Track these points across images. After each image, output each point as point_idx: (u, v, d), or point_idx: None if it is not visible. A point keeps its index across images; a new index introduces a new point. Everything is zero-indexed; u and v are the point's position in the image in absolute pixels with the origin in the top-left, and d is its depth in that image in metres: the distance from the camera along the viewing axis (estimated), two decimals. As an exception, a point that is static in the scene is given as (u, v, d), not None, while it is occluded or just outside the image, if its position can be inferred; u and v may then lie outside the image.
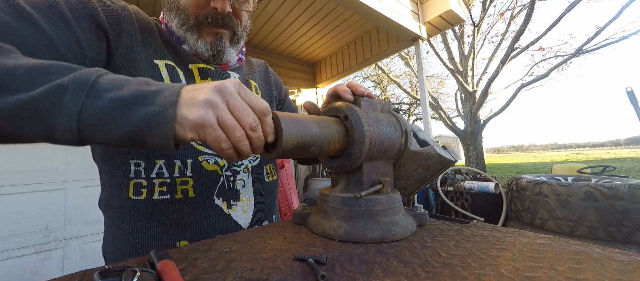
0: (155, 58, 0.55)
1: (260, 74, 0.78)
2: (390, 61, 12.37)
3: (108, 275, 0.27)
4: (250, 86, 0.69)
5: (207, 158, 0.56)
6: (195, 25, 0.56)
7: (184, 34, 0.57)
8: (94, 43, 0.46)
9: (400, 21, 2.60)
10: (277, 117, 0.36)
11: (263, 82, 0.77)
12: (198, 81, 0.59)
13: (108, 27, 0.48)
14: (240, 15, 0.59)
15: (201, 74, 0.60)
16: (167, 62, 0.56)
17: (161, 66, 0.55)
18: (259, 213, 0.62)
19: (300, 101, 4.05)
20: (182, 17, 0.56)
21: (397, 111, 0.55)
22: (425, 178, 0.52)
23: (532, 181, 2.12)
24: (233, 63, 0.66)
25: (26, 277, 1.72)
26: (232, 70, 0.66)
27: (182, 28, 0.56)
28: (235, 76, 0.66)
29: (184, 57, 0.59)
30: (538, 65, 8.13)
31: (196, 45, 0.57)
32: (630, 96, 2.25)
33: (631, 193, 1.69)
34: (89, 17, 0.46)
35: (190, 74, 0.59)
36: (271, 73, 0.84)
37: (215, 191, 0.56)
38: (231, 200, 0.58)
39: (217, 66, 0.63)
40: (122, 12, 0.52)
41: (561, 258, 0.34)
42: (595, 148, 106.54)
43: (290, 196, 2.40)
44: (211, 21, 0.55)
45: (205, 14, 0.55)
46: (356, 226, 0.42)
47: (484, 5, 7.36)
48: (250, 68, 0.76)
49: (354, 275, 0.30)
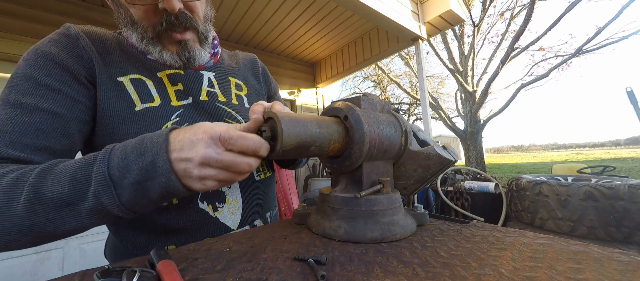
0: (118, 75, 0.53)
1: (247, 68, 0.75)
2: (390, 61, 12.38)
3: (108, 275, 0.27)
4: (229, 83, 0.67)
5: None
6: (154, 37, 0.54)
7: (146, 47, 0.55)
8: (83, 90, 0.49)
9: (400, 21, 2.60)
10: (277, 117, 0.36)
11: (250, 76, 0.74)
12: (169, 87, 0.57)
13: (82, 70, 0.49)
14: (194, 8, 0.55)
15: (171, 80, 0.57)
16: (131, 76, 0.54)
17: (126, 83, 0.53)
18: (248, 212, 0.60)
19: (300, 101, 4.05)
20: (139, 31, 0.53)
21: (397, 111, 0.55)
22: (425, 178, 0.52)
23: (532, 181, 2.12)
24: (207, 62, 0.64)
25: (26, 277, 1.72)
26: (206, 70, 0.63)
27: (142, 42, 0.54)
28: (210, 76, 0.63)
29: (152, 66, 0.57)
30: (538, 65, 8.14)
31: (162, 57, 0.55)
32: (630, 96, 2.25)
33: (631, 193, 1.69)
34: (66, 72, 0.47)
35: (160, 82, 0.56)
36: (260, 67, 0.79)
37: (198, 196, 0.54)
38: (216, 203, 0.56)
39: (189, 69, 0.60)
40: (79, 42, 0.50)
41: (561, 258, 0.34)
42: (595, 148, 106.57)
43: (290, 196, 2.39)
44: (167, 25, 0.52)
45: (159, 21, 0.52)
46: (356, 226, 0.42)
47: (484, 5, 7.37)
48: (233, 62, 0.73)
49: (354, 275, 0.30)
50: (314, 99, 4.31)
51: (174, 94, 0.57)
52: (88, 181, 0.35)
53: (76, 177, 0.35)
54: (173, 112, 0.55)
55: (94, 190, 0.34)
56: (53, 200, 0.34)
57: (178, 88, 0.58)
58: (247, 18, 2.94)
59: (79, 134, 0.49)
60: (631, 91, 2.25)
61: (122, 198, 0.35)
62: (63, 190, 0.34)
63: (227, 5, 2.70)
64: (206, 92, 0.60)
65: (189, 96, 0.58)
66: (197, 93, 0.59)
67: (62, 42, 0.49)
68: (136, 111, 0.51)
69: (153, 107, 0.53)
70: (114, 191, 0.34)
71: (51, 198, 0.34)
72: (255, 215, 0.62)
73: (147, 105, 0.53)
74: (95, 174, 0.35)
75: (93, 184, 0.34)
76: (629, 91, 2.26)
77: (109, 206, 0.35)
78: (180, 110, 0.56)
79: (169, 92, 0.56)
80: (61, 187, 0.35)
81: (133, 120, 0.51)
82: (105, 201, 0.34)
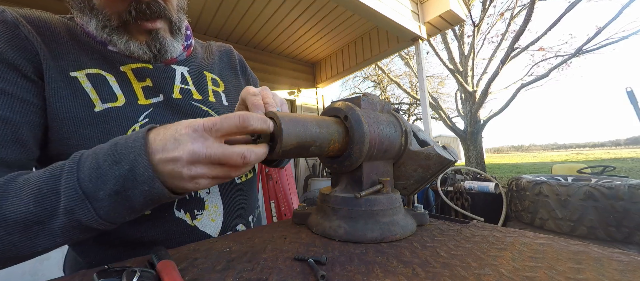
0: (71, 70, 0.45)
1: (223, 61, 0.68)
2: (390, 61, 12.38)
3: (108, 275, 0.27)
4: (205, 79, 0.60)
5: None
6: (120, 25, 0.46)
7: (109, 37, 0.47)
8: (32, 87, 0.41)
9: (400, 21, 2.61)
10: (277, 117, 0.36)
11: (227, 70, 0.67)
12: (134, 84, 0.50)
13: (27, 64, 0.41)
14: None
15: (137, 75, 0.50)
16: (88, 71, 0.46)
17: (81, 78, 0.45)
18: (230, 218, 0.55)
19: (300, 101, 4.06)
20: (100, 18, 0.45)
21: (397, 111, 0.55)
22: (425, 178, 0.52)
23: (532, 181, 2.12)
24: (180, 56, 0.57)
25: (26, 277, 1.72)
26: (178, 64, 0.56)
27: (104, 30, 0.46)
28: (183, 71, 0.56)
29: (113, 58, 0.49)
30: (538, 65, 8.14)
31: (129, 48, 0.48)
32: (630, 96, 2.25)
33: (631, 193, 1.69)
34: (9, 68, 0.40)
35: (124, 77, 0.49)
36: (237, 59, 0.72)
37: (175, 203, 0.49)
38: (195, 210, 0.51)
39: (159, 62, 0.53)
40: (18, 30, 0.42)
41: (561, 258, 0.34)
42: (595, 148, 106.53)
43: (290, 196, 2.39)
44: (136, 14, 0.45)
45: (127, 9, 0.45)
46: (356, 226, 0.42)
47: (484, 5, 7.37)
48: (208, 55, 0.65)
49: (354, 275, 0.30)
50: (314, 99, 4.31)
51: (142, 92, 0.50)
52: (57, 196, 0.31)
53: (42, 192, 0.31)
54: (141, 113, 0.48)
55: (66, 206, 0.30)
56: (16, 220, 0.30)
57: (146, 84, 0.51)
58: (247, 18, 2.94)
59: (34, 141, 0.42)
60: (631, 91, 2.25)
61: (100, 211, 0.31)
62: (28, 208, 0.30)
63: (227, 5, 2.70)
64: (179, 90, 0.54)
65: (159, 93, 0.52)
66: (169, 90, 0.52)
67: (6, 34, 0.40)
68: (96, 113, 0.44)
69: (116, 107, 0.46)
70: (89, 206, 0.31)
71: (14, 218, 0.30)
72: (237, 220, 0.57)
73: (109, 105, 0.46)
74: (65, 188, 0.31)
75: (63, 199, 0.30)
76: (629, 91, 2.26)
77: (87, 222, 0.31)
78: (150, 109, 0.49)
79: (135, 89, 0.49)
80: (25, 205, 0.30)
81: (93, 123, 0.44)
82: (81, 216, 0.31)
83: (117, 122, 0.46)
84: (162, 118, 0.50)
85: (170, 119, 0.50)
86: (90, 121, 0.44)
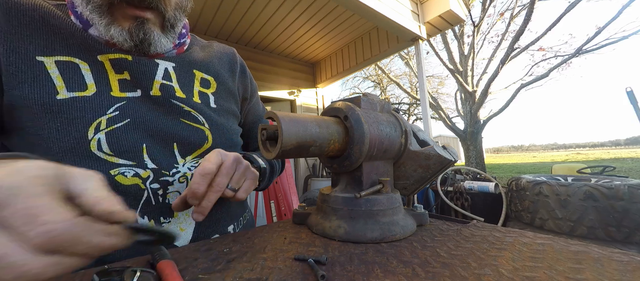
0: (39, 54, 0.41)
1: (222, 62, 0.63)
2: (390, 61, 12.38)
3: (108, 275, 0.27)
4: (192, 77, 0.55)
5: (124, 170, 0.43)
6: (104, 4, 0.42)
7: (90, 15, 0.42)
8: None
9: (400, 21, 2.61)
10: (277, 117, 0.36)
11: (225, 72, 0.62)
12: (111, 75, 0.46)
13: None
14: None
15: (115, 67, 0.46)
16: (59, 58, 0.42)
17: (48, 64, 0.41)
18: (204, 227, 0.51)
19: (300, 101, 4.06)
20: None
21: (397, 111, 0.55)
22: (425, 178, 0.52)
23: (532, 181, 2.12)
24: (168, 52, 0.53)
25: (26, 277, 1.72)
26: (164, 59, 0.51)
27: (87, 7, 0.42)
28: (168, 66, 0.51)
29: (91, 46, 0.44)
30: (538, 65, 8.14)
31: (109, 32, 0.43)
32: (630, 96, 2.25)
33: (631, 193, 1.69)
34: None
35: (100, 67, 0.45)
36: (238, 63, 0.67)
37: (138, 209, 0.44)
38: (161, 218, 0.46)
39: (142, 56, 0.49)
40: None
41: (561, 258, 0.34)
42: (595, 148, 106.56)
43: (290, 196, 2.39)
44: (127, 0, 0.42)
45: None
46: (356, 226, 0.42)
47: (484, 5, 7.36)
48: (205, 54, 0.60)
49: (354, 275, 0.30)
50: (314, 99, 4.31)
51: (117, 84, 0.46)
52: None
53: None
54: (112, 104, 0.44)
55: None
56: None
57: (123, 77, 0.47)
58: (247, 18, 2.94)
59: None
60: (631, 91, 2.25)
61: None
62: None
63: (227, 5, 2.70)
64: (160, 86, 0.49)
65: (137, 88, 0.47)
66: (147, 85, 0.48)
67: None
68: (58, 100, 0.41)
69: (83, 96, 0.42)
70: None
71: None
72: (213, 229, 0.53)
73: (76, 94, 0.42)
74: None
75: None
76: (629, 91, 2.26)
77: None
78: (123, 102, 0.45)
79: (110, 80, 0.46)
80: None
81: (52, 111, 0.40)
82: None
83: (81, 113, 0.42)
84: (136, 112, 0.46)
85: (145, 116, 0.47)
86: (50, 109, 0.40)
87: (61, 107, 0.41)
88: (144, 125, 0.46)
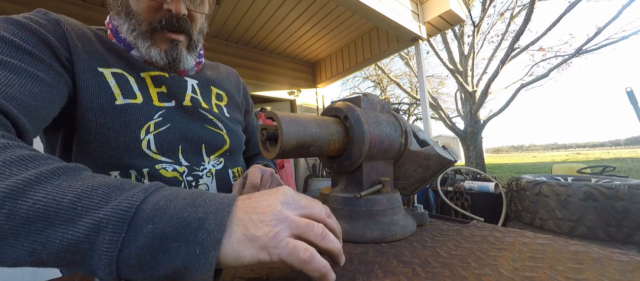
0: (99, 66, 0.51)
1: (230, 80, 0.76)
2: (390, 61, 12.38)
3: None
4: (210, 92, 0.66)
5: (165, 165, 0.53)
6: (147, 31, 0.53)
7: (134, 40, 0.53)
8: (63, 71, 0.45)
9: (400, 21, 2.60)
10: (277, 117, 0.36)
11: (232, 88, 0.75)
12: (151, 88, 0.56)
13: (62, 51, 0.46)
14: (195, 18, 0.57)
15: (155, 82, 0.57)
16: (114, 70, 0.52)
17: (107, 75, 0.51)
18: None
19: (300, 101, 4.05)
20: (133, 22, 0.52)
21: (397, 111, 0.55)
22: (425, 178, 0.52)
23: (532, 181, 2.12)
24: (191, 69, 0.64)
25: (26, 277, 1.72)
26: (189, 77, 0.63)
27: (132, 34, 0.53)
28: (193, 83, 0.63)
29: (135, 64, 0.55)
30: (538, 65, 8.13)
31: (149, 53, 0.54)
32: (630, 96, 2.25)
33: (631, 193, 1.69)
34: (47, 47, 0.44)
35: (143, 82, 0.55)
36: (241, 83, 0.82)
37: None
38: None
39: (173, 72, 0.60)
40: (59, 25, 0.48)
41: (561, 258, 0.34)
42: (595, 148, 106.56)
43: (290, 196, 2.39)
44: (165, 24, 0.52)
45: (158, 19, 0.52)
46: (356, 226, 0.42)
47: (484, 5, 7.37)
48: (216, 73, 0.73)
49: (354, 275, 0.30)
50: (314, 99, 4.31)
51: (156, 96, 0.56)
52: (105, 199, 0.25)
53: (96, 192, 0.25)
54: (156, 112, 0.54)
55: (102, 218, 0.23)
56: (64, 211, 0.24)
57: (161, 90, 0.57)
58: (247, 18, 2.94)
59: (57, 110, 0.44)
60: (631, 91, 2.25)
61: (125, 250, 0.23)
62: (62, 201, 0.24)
63: (227, 5, 2.70)
64: (190, 98, 0.60)
65: (172, 99, 0.58)
66: (181, 97, 0.59)
67: (42, 21, 0.46)
68: (116, 105, 0.50)
69: (135, 103, 0.52)
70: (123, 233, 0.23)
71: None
72: None
73: (129, 101, 0.51)
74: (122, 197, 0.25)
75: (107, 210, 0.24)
76: (629, 91, 2.26)
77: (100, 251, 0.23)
78: (163, 110, 0.55)
79: (151, 92, 0.55)
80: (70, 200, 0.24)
81: (113, 114, 0.49)
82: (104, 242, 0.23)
83: (135, 117, 0.51)
84: (174, 119, 0.56)
85: (181, 121, 0.57)
86: (110, 112, 0.49)
87: (119, 111, 0.50)
88: (180, 130, 0.56)
